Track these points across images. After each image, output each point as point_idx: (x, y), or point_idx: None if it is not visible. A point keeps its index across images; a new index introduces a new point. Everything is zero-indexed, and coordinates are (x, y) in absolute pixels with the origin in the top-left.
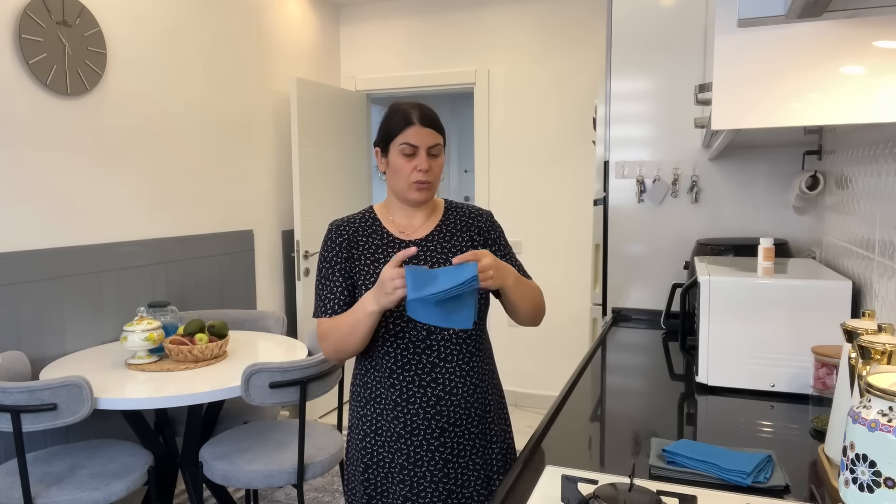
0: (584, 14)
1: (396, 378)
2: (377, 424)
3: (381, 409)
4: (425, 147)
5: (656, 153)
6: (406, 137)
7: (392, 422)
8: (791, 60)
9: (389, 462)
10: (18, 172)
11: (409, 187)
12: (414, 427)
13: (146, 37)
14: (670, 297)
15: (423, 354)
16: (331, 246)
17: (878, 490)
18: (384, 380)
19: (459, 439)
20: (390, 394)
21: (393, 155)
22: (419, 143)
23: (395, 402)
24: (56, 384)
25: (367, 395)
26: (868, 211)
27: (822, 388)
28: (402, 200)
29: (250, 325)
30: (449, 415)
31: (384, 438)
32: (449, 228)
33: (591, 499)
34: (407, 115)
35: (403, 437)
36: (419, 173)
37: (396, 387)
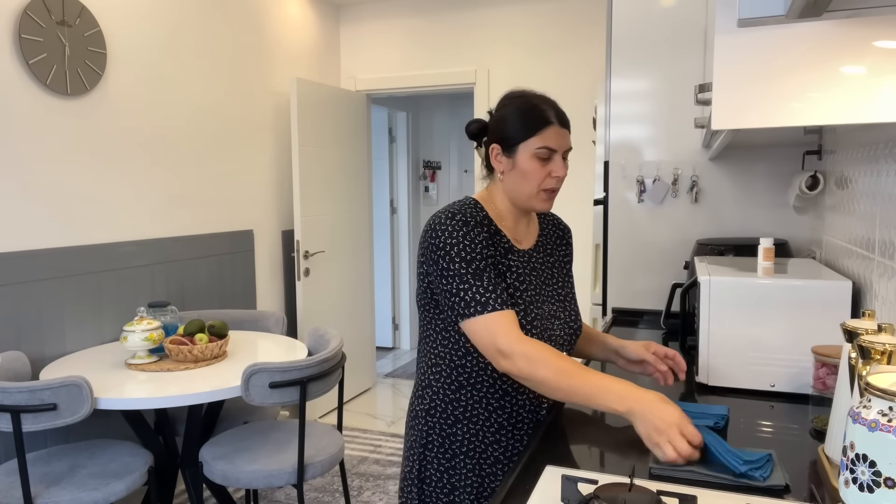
0: (584, 14)
1: (509, 400)
2: (469, 446)
3: (478, 430)
4: (562, 150)
5: (656, 153)
6: (545, 140)
7: (491, 445)
8: (791, 60)
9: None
10: (18, 172)
11: (538, 195)
12: (514, 452)
13: (146, 37)
14: (670, 297)
15: None
16: (477, 240)
17: (878, 490)
18: (494, 401)
19: None
20: (497, 416)
21: (523, 157)
22: (558, 147)
23: (501, 426)
24: (56, 384)
25: (458, 413)
26: (868, 211)
27: (822, 388)
28: (522, 207)
29: (250, 325)
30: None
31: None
32: (548, 240)
33: (591, 499)
34: (544, 113)
35: (501, 462)
36: (553, 180)
37: (506, 409)
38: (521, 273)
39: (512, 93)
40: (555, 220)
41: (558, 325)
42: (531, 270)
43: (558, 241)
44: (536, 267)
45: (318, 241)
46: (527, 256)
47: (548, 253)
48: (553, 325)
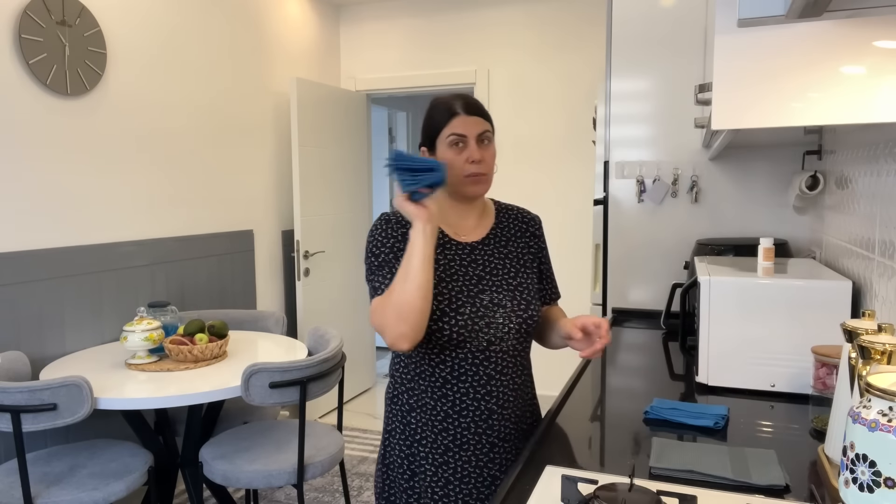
0: (584, 14)
1: (450, 389)
2: (422, 434)
3: (428, 419)
4: (474, 135)
5: (656, 153)
6: (452, 128)
7: (440, 434)
8: (791, 60)
9: (432, 476)
10: (18, 172)
11: (463, 181)
12: (463, 441)
13: (146, 37)
14: (670, 297)
15: (482, 366)
16: (390, 234)
17: (878, 490)
18: (436, 389)
19: (507, 455)
20: (441, 405)
21: (441, 150)
22: (467, 132)
23: (446, 414)
24: (56, 384)
25: (411, 402)
26: (868, 211)
27: (822, 388)
28: (457, 197)
29: (250, 325)
30: (500, 429)
31: (429, 450)
32: (504, 232)
33: (591, 499)
34: (450, 106)
35: (452, 450)
36: (472, 165)
37: (449, 398)
38: (455, 265)
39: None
40: (518, 212)
41: (502, 313)
42: (470, 262)
43: (518, 233)
44: (479, 258)
45: (318, 241)
46: (468, 249)
47: (501, 244)
48: (495, 314)
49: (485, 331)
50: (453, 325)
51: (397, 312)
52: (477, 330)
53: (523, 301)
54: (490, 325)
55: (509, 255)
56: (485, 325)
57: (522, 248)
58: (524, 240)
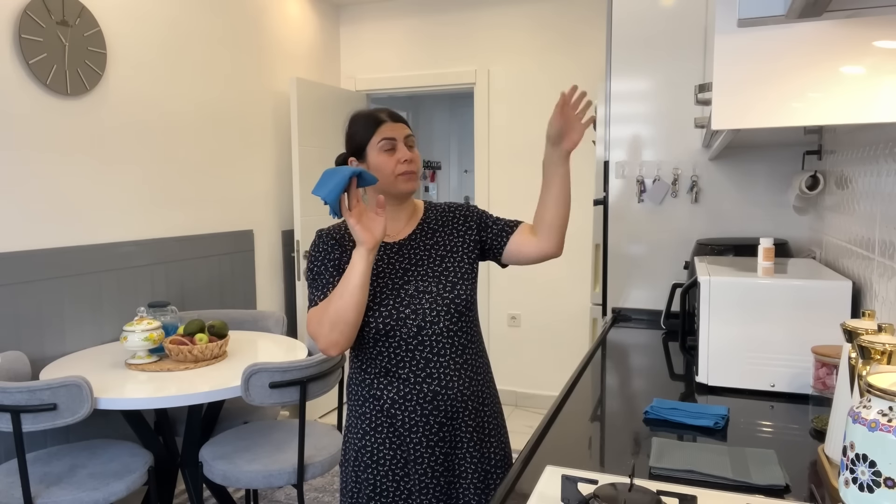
0: (584, 14)
1: (392, 376)
2: (376, 422)
3: (379, 407)
4: (402, 138)
5: (656, 153)
6: (382, 134)
7: (390, 419)
8: (791, 60)
9: (390, 459)
10: (18, 172)
11: (397, 180)
12: (412, 424)
13: (146, 37)
14: (670, 297)
15: (416, 351)
16: (322, 249)
17: (878, 490)
18: (380, 378)
19: (457, 432)
20: (387, 392)
21: (372, 155)
22: (396, 136)
23: (393, 400)
24: (56, 384)
25: (363, 393)
26: (868, 211)
27: (822, 388)
28: (392, 195)
29: (250, 325)
30: (446, 409)
31: (384, 436)
32: (430, 226)
33: (591, 499)
34: (374, 116)
35: (402, 434)
36: (404, 164)
37: (393, 385)
38: (383, 264)
39: (350, 114)
40: (447, 207)
41: (428, 298)
42: (398, 259)
43: (445, 223)
44: (407, 254)
45: None
46: (396, 248)
47: (426, 236)
48: (421, 300)
49: (412, 318)
50: (377, 318)
51: (332, 323)
52: (403, 318)
53: (448, 283)
54: (416, 312)
55: (436, 245)
56: (411, 312)
57: (450, 234)
58: (452, 227)
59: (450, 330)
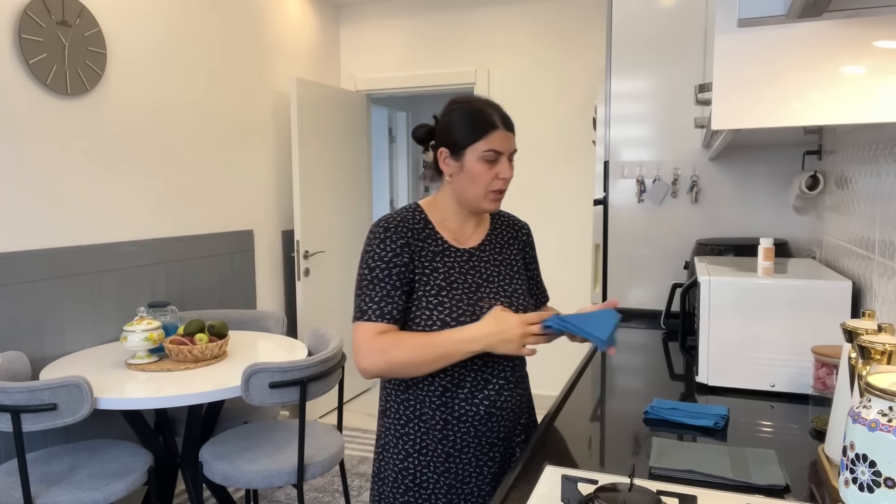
0: (584, 14)
1: (450, 397)
2: (422, 444)
3: (428, 428)
4: (508, 153)
5: (656, 153)
6: (491, 143)
7: (440, 442)
8: (791, 60)
9: (434, 483)
10: (18, 172)
11: (486, 196)
12: (464, 445)
13: (146, 37)
14: (670, 297)
15: (479, 372)
16: (389, 247)
17: (878, 490)
18: (434, 399)
19: (507, 451)
20: (440, 413)
21: (470, 160)
22: (504, 150)
23: (446, 421)
24: (56, 384)
25: (408, 413)
26: (868, 211)
27: (822, 388)
28: (470, 208)
29: (250, 325)
30: (499, 429)
31: (429, 458)
32: (498, 239)
33: (591, 499)
34: (490, 117)
35: (453, 455)
36: (501, 181)
37: (449, 406)
38: (455, 272)
39: (458, 98)
40: (509, 219)
41: None
42: (469, 269)
43: (511, 239)
44: (477, 265)
45: (318, 241)
46: (467, 255)
47: (496, 251)
48: None
49: None
50: None
51: (390, 367)
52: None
53: (519, 307)
54: None
55: (504, 262)
56: None
57: (515, 254)
58: (516, 246)
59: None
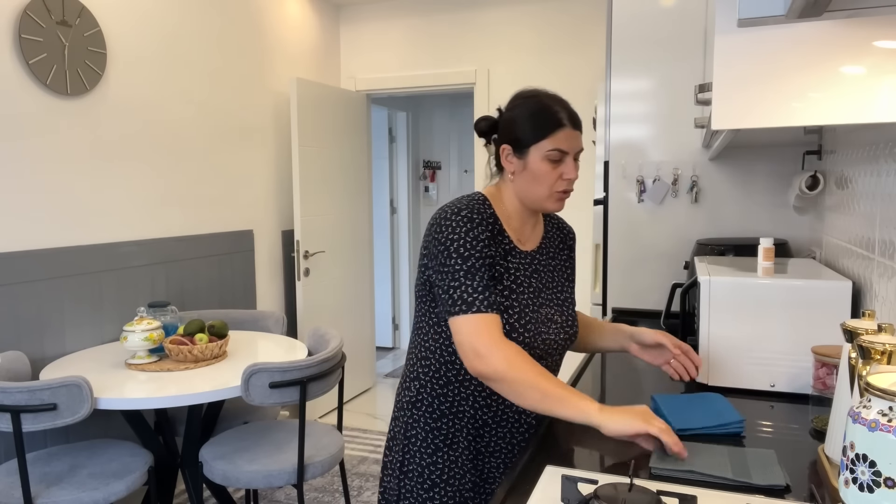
0: (584, 14)
1: (494, 399)
2: (453, 439)
3: (463, 426)
4: (574, 152)
5: (656, 153)
6: (556, 142)
7: (474, 439)
8: (791, 60)
9: (459, 479)
10: (18, 172)
11: (551, 196)
12: (496, 446)
13: (146, 37)
14: (670, 297)
15: None
16: (479, 237)
17: (878, 490)
18: (479, 399)
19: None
20: (481, 414)
21: (534, 159)
22: (570, 149)
23: (485, 423)
24: (56, 384)
25: (444, 408)
26: (868, 211)
27: (822, 388)
28: (533, 207)
29: (250, 325)
30: (528, 434)
31: (458, 453)
32: (552, 242)
33: (591, 499)
34: (556, 115)
35: (483, 454)
36: (565, 182)
37: (492, 408)
38: (521, 275)
39: (524, 92)
40: (559, 222)
41: (554, 328)
42: (532, 272)
43: (561, 244)
44: (538, 269)
45: (318, 241)
46: (529, 258)
47: (550, 255)
48: (549, 329)
49: (540, 346)
50: (518, 340)
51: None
52: (535, 345)
53: (570, 317)
54: (545, 341)
55: (557, 268)
56: (541, 341)
57: (564, 260)
58: (565, 251)
59: (557, 364)
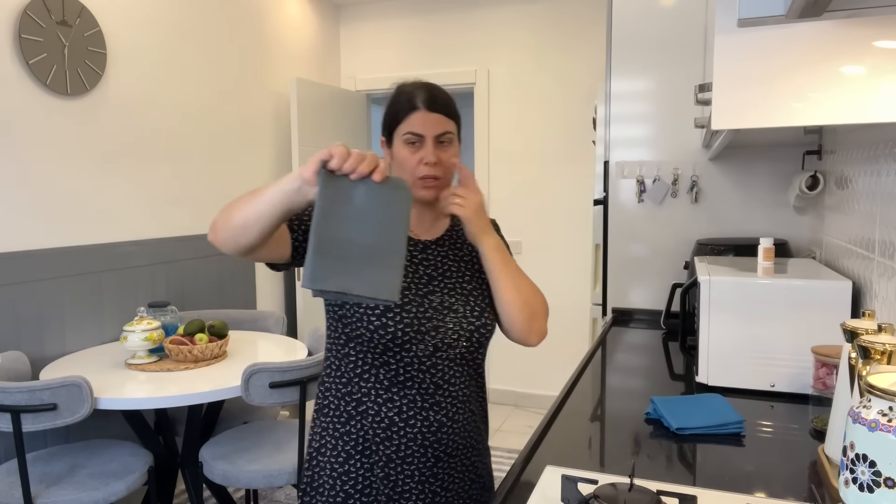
0: (584, 14)
1: (396, 393)
2: (364, 445)
3: (370, 426)
4: (432, 136)
5: (656, 153)
6: (411, 125)
7: (383, 443)
8: (791, 60)
9: (375, 490)
10: (18, 172)
11: (415, 183)
12: (409, 453)
13: (146, 37)
14: (670, 297)
15: (428, 373)
16: None
17: (878, 490)
18: (381, 393)
19: (452, 471)
20: (386, 411)
21: (397, 145)
22: (425, 132)
23: (391, 422)
24: (56, 384)
25: (350, 410)
26: (868, 211)
27: (822, 388)
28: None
29: (250, 325)
30: (448, 443)
31: (372, 462)
32: (461, 234)
33: (591, 499)
34: (411, 98)
35: (394, 461)
36: (425, 167)
37: (395, 403)
38: (409, 263)
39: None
40: None
41: (452, 318)
42: (422, 260)
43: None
44: (433, 260)
45: None
46: (421, 246)
47: (457, 247)
48: (445, 317)
49: (431, 334)
50: (398, 323)
51: (222, 215)
52: (423, 332)
53: (477, 307)
54: (438, 329)
55: (464, 259)
56: (432, 327)
57: (473, 249)
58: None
59: (464, 357)
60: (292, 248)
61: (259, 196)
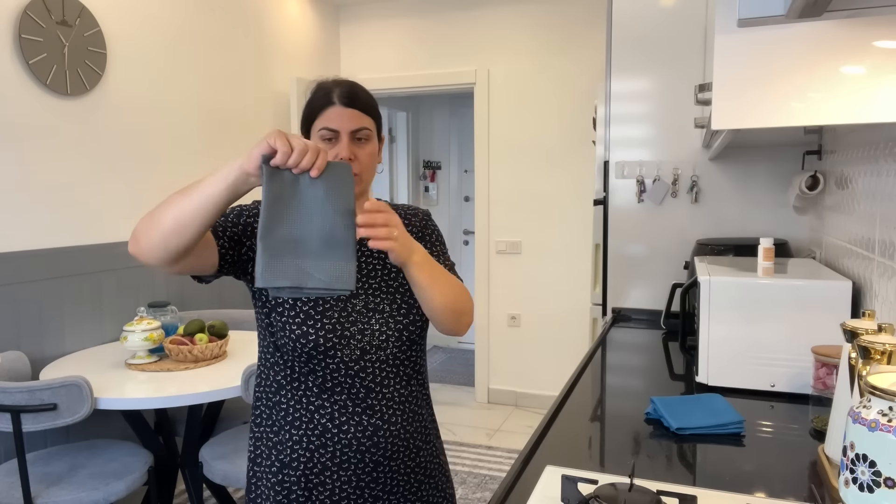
0: (584, 14)
1: (326, 399)
2: (295, 454)
3: (303, 434)
4: (347, 131)
5: (656, 153)
6: (325, 121)
7: (317, 451)
8: (791, 60)
9: (314, 498)
10: (18, 172)
11: None
12: (344, 460)
13: (146, 37)
14: (670, 297)
15: (357, 377)
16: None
17: (878, 490)
18: (312, 400)
19: (394, 474)
20: (318, 417)
21: (313, 140)
22: (340, 127)
23: (325, 428)
24: (56, 384)
25: (281, 420)
26: (868, 211)
27: (822, 388)
28: None
29: (250, 325)
30: (385, 447)
31: (303, 471)
32: None
33: (591, 499)
34: (327, 94)
35: (329, 469)
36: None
37: (326, 410)
38: None
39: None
40: (404, 211)
41: (378, 318)
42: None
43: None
44: (362, 254)
45: None
46: None
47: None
48: (370, 319)
49: (357, 338)
50: (318, 330)
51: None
52: (348, 337)
53: (404, 305)
54: (364, 332)
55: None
56: (357, 331)
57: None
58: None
59: (397, 358)
60: (219, 256)
61: (194, 191)
